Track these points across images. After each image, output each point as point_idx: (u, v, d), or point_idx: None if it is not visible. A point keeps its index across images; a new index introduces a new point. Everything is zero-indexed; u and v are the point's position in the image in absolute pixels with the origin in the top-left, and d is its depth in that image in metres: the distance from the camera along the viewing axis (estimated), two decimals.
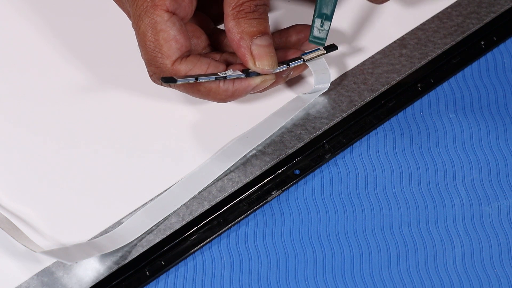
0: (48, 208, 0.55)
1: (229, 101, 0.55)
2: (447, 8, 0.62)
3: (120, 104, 0.58)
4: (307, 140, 0.57)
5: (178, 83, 0.52)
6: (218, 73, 0.53)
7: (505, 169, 0.58)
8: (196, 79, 0.52)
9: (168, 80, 0.51)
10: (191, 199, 0.55)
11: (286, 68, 0.55)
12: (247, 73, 0.53)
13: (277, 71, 0.54)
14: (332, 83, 0.59)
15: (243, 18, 0.52)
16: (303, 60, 0.55)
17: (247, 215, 0.56)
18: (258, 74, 0.54)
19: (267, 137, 0.57)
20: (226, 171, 0.56)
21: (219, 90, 0.53)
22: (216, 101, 0.55)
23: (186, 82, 0.52)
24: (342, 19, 0.61)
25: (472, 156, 0.58)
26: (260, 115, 0.58)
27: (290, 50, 0.56)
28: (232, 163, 0.56)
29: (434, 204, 0.57)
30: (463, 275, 0.55)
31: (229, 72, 0.53)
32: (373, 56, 0.60)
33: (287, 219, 0.56)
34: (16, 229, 0.53)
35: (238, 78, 0.53)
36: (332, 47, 0.56)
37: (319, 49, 0.56)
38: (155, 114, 0.58)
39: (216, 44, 0.57)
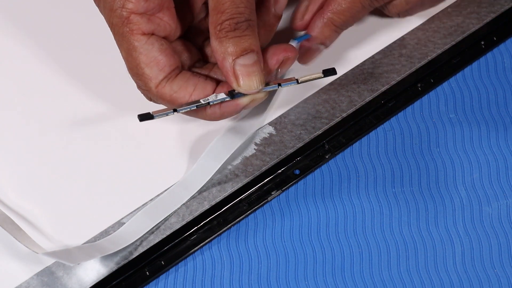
0: (48, 208, 0.55)
1: (221, 119, 0.53)
2: (447, 8, 0.62)
3: (120, 103, 0.58)
4: (307, 140, 0.57)
5: (155, 119, 0.50)
6: (200, 100, 0.51)
7: (505, 169, 0.58)
8: (175, 110, 0.51)
9: (144, 117, 0.50)
10: (191, 199, 0.55)
11: (276, 88, 0.52)
12: (232, 94, 0.51)
13: (266, 90, 0.52)
14: (332, 83, 0.59)
15: (224, 37, 0.50)
16: (297, 81, 0.53)
17: (247, 215, 0.56)
18: (245, 95, 0.52)
19: (259, 128, 0.57)
20: (226, 171, 0.56)
21: (206, 113, 0.52)
22: (207, 120, 0.53)
23: (164, 116, 0.51)
24: None
25: (472, 156, 0.58)
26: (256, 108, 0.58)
27: (281, 46, 0.53)
28: (229, 155, 0.55)
29: (434, 204, 0.57)
30: (463, 275, 0.55)
31: (212, 98, 0.51)
32: (373, 56, 0.60)
33: (287, 219, 0.56)
34: (19, 229, 0.53)
35: (224, 101, 0.52)
36: (331, 72, 0.53)
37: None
38: None
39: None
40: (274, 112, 0.58)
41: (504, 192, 0.57)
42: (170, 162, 0.56)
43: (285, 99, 0.59)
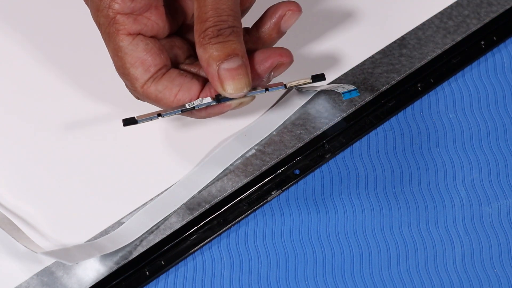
0: (48, 208, 0.55)
1: (207, 118, 0.53)
2: (447, 8, 0.62)
3: (121, 103, 0.58)
4: (307, 140, 0.57)
5: (139, 123, 0.50)
6: (185, 105, 0.51)
7: (505, 169, 0.58)
8: (159, 115, 0.51)
9: (128, 122, 0.50)
10: (191, 199, 0.55)
11: (263, 92, 0.52)
12: (218, 99, 0.51)
13: (252, 94, 0.52)
14: (332, 83, 0.59)
15: (208, 44, 0.50)
16: (285, 86, 0.53)
17: (247, 215, 0.56)
18: (231, 99, 0.52)
19: (267, 135, 0.57)
20: (226, 171, 0.56)
21: (191, 114, 0.53)
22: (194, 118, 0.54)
23: (148, 120, 0.51)
24: (342, 19, 0.61)
25: (472, 156, 0.58)
26: (259, 111, 0.58)
27: (277, 49, 0.53)
28: (231, 162, 0.56)
29: (434, 204, 0.57)
30: (463, 275, 0.55)
31: (197, 102, 0.51)
32: (373, 56, 0.60)
33: (287, 219, 0.56)
34: (17, 229, 0.53)
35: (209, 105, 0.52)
36: (319, 77, 0.53)
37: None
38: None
39: None
40: (281, 118, 0.58)
41: (504, 192, 0.57)
42: (171, 162, 0.56)
43: (287, 101, 0.59)
